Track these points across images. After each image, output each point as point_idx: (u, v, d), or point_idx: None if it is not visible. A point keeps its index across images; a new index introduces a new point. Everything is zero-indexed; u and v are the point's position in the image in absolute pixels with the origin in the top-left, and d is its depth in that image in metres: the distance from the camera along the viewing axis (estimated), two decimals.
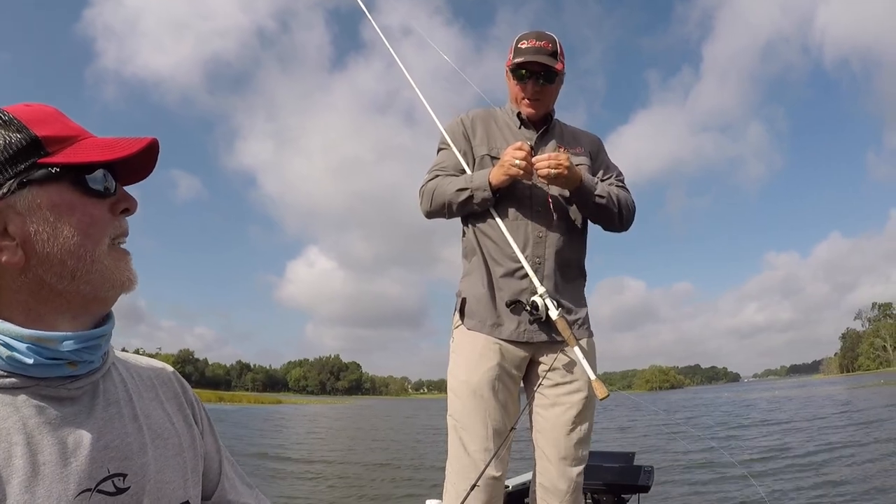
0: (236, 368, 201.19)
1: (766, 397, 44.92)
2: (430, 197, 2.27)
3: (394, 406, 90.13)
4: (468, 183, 2.19)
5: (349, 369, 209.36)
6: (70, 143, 0.80)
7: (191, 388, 1.05)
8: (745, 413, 27.52)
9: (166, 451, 0.88)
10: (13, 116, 0.77)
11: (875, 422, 17.79)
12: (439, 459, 5.22)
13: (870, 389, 44.39)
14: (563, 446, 2.13)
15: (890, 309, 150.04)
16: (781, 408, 29.34)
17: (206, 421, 1.04)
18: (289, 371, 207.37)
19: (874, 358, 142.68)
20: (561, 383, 2.17)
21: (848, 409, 24.81)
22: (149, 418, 0.89)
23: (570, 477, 2.13)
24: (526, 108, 2.31)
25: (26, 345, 0.75)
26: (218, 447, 1.04)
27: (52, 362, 0.77)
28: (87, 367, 0.81)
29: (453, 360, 2.22)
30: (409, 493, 9.91)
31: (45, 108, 0.82)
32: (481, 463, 2.02)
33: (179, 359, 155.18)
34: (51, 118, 0.81)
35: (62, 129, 0.80)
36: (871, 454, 11.26)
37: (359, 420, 41.61)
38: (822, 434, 15.48)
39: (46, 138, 0.77)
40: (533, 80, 2.24)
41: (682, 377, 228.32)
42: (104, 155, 0.80)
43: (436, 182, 2.27)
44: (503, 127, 2.35)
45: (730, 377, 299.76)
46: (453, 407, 2.17)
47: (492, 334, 2.16)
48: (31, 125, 0.77)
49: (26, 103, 0.82)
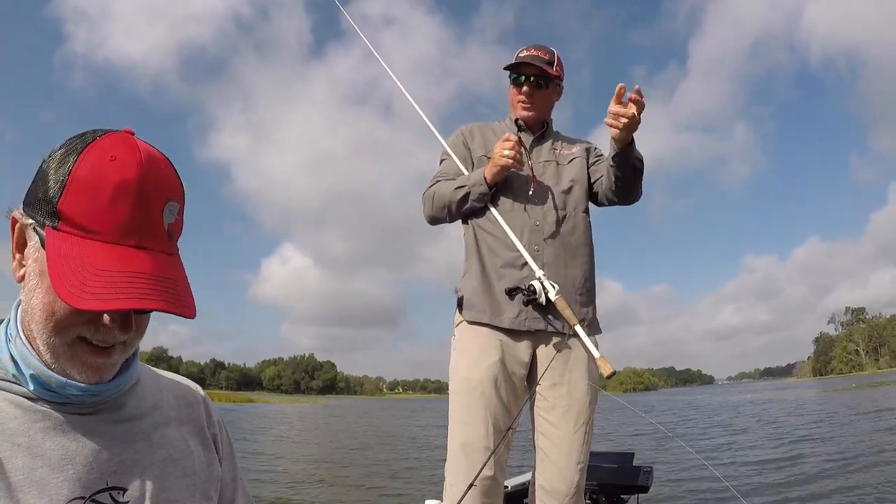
0: (210, 367, 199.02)
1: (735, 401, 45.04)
2: (431, 201, 2.37)
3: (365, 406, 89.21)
4: (465, 181, 2.29)
5: (324, 368, 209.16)
6: (80, 234, 0.74)
7: (217, 413, 1.04)
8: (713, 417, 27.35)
9: (175, 471, 0.87)
10: (71, 167, 0.73)
11: (848, 424, 18.46)
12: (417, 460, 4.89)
13: (841, 392, 44.93)
14: (566, 448, 2.15)
15: (863, 314, 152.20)
16: (751, 413, 29.20)
17: (228, 448, 1.03)
18: (263, 370, 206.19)
19: (847, 362, 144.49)
20: (561, 383, 2.20)
21: (820, 411, 25.15)
22: (164, 437, 0.89)
23: (572, 479, 2.14)
24: (521, 111, 2.41)
25: (30, 372, 0.76)
26: (235, 476, 1.03)
27: (55, 394, 0.78)
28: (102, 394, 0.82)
29: (454, 358, 2.25)
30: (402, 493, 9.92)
31: (114, 176, 0.73)
32: (479, 463, 2.03)
33: (153, 357, 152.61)
34: (95, 191, 0.73)
35: (87, 216, 0.73)
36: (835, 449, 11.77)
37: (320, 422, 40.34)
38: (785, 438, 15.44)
39: (64, 214, 0.74)
40: (528, 83, 2.36)
41: (656, 379, 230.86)
42: (80, 301, 0.70)
43: (436, 187, 2.37)
44: (500, 133, 2.39)
45: (704, 380, 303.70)
46: (454, 404, 2.19)
47: (493, 322, 2.19)
48: (69, 188, 0.73)
49: (124, 148, 0.75)
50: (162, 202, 0.76)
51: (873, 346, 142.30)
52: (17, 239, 0.78)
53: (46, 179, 0.74)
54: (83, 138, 0.76)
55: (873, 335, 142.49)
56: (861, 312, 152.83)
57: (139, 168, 0.74)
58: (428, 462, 13.94)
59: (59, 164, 0.74)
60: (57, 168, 0.74)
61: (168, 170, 0.80)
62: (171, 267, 0.78)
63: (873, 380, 76.13)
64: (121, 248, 0.74)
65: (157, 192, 0.76)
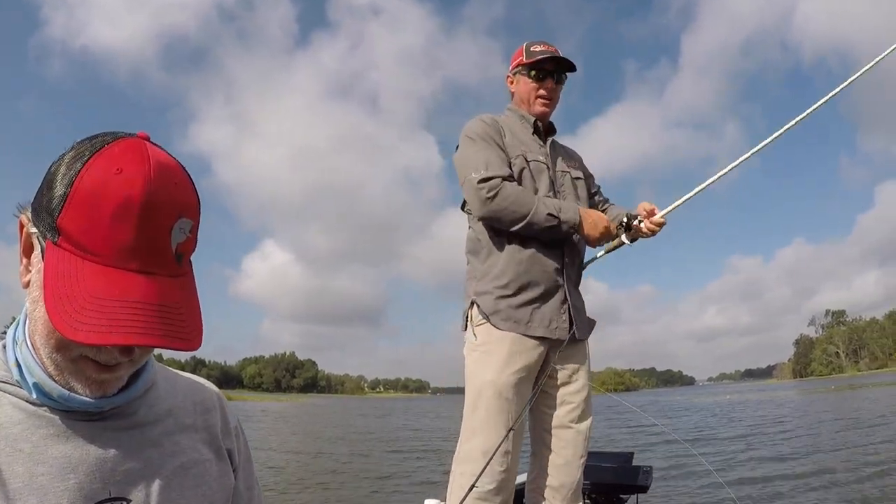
0: (190, 364, 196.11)
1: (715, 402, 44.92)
2: (499, 203, 2.19)
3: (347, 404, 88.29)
4: (558, 211, 2.22)
5: (305, 367, 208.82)
6: (79, 254, 0.69)
7: (235, 419, 0.99)
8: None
9: (186, 481, 0.83)
10: (75, 177, 0.68)
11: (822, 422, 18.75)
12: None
13: (820, 394, 45.10)
14: (571, 445, 2.23)
15: (843, 316, 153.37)
16: (730, 413, 28.93)
17: (245, 456, 0.99)
18: (244, 368, 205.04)
19: (826, 364, 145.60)
20: (567, 382, 2.28)
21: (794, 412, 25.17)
22: (176, 445, 0.85)
23: (577, 474, 2.23)
24: (540, 107, 2.41)
25: (33, 380, 0.73)
26: (250, 484, 0.99)
27: (58, 402, 0.75)
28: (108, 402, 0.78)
29: (476, 359, 2.23)
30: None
31: (118, 192, 0.67)
32: (497, 465, 2.07)
33: None
34: (96, 209, 0.67)
35: (86, 235, 0.68)
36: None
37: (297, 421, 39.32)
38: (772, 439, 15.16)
39: (64, 230, 0.69)
40: (551, 78, 2.39)
41: (637, 380, 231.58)
42: (73, 332, 0.65)
43: (508, 188, 2.21)
44: (518, 132, 2.40)
45: (685, 381, 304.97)
46: (474, 406, 2.18)
47: (523, 332, 2.20)
48: (71, 202, 0.68)
49: (132, 159, 0.69)
50: (171, 221, 0.70)
51: (853, 348, 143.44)
52: (25, 243, 0.74)
53: (52, 186, 0.69)
54: (93, 143, 0.71)
55: (853, 337, 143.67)
56: (841, 315, 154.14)
57: (146, 184, 0.68)
58: (409, 464, 13.59)
59: (65, 170, 0.69)
60: (63, 176, 0.69)
61: (182, 182, 0.73)
62: (177, 291, 0.72)
63: (852, 381, 77.15)
64: (121, 273, 0.68)
65: (167, 210, 0.69)
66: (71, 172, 0.68)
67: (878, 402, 27.85)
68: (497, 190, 2.19)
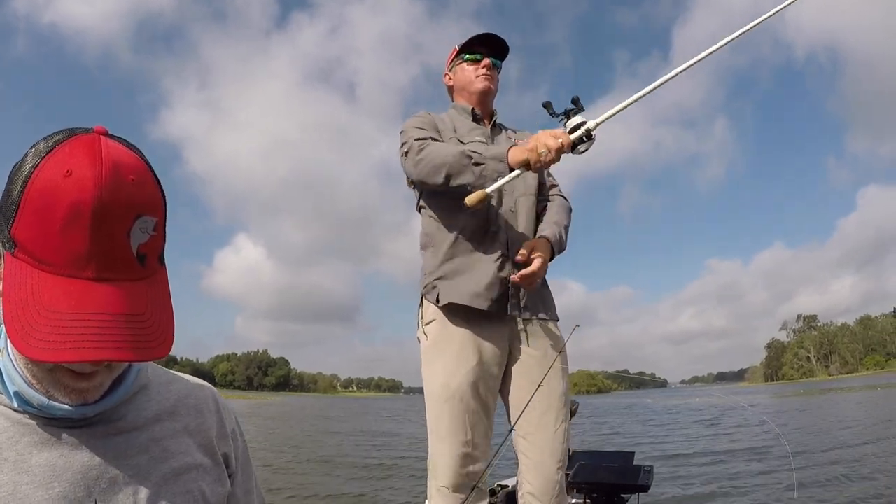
0: (161, 361, 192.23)
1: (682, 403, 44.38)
2: (422, 160, 2.09)
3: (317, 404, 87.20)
4: (478, 151, 2.04)
5: (277, 365, 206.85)
6: (34, 264, 0.66)
7: (233, 421, 0.96)
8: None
9: (176, 487, 0.80)
10: (26, 182, 0.65)
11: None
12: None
13: (790, 399, 45.40)
14: (548, 450, 2.13)
15: (815, 321, 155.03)
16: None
17: (243, 459, 0.97)
18: (216, 365, 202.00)
19: (797, 368, 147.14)
20: (540, 384, 2.16)
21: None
22: (166, 451, 0.81)
23: (556, 480, 2.12)
24: (482, 82, 2.32)
25: (14, 389, 0.72)
26: (248, 489, 0.97)
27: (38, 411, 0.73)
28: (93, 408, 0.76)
29: (428, 362, 2.16)
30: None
31: (66, 197, 0.63)
32: (461, 469, 2.04)
33: None
34: (46, 216, 0.64)
35: (38, 244, 0.65)
36: None
37: None
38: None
39: (17, 241, 0.66)
40: (488, 59, 2.32)
41: (610, 382, 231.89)
42: (28, 349, 0.63)
43: (430, 145, 2.13)
44: (456, 121, 2.35)
45: (658, 383, 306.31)
46: (432, 412, 2.12)
47: (472, 303, 2.10)
48: (22, 210, 0.65)
49: (83, 159, 0.65)
50: (128, 222, 0.66)
51: (824, 353, 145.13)
52: None
53: (10, 193, 0.66)
54: (48, 143, 0.67)
55: (824, 342, 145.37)
56: (813, 320, 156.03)
57: (97, 186, 0.63)
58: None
59: (19, 175, 0.66)
60: (16, 181, 0.66)
61: (141, 179, 0.68)
62: (142, 295, 0.69)
63: (822, 386, 77.76)
64: (77, 283, 0.65)
65: (121, 212, 0.65)
66: (23, 173, 0.65)
67: (837, 405, 28.04)
68: (422, 146, 2.11)
